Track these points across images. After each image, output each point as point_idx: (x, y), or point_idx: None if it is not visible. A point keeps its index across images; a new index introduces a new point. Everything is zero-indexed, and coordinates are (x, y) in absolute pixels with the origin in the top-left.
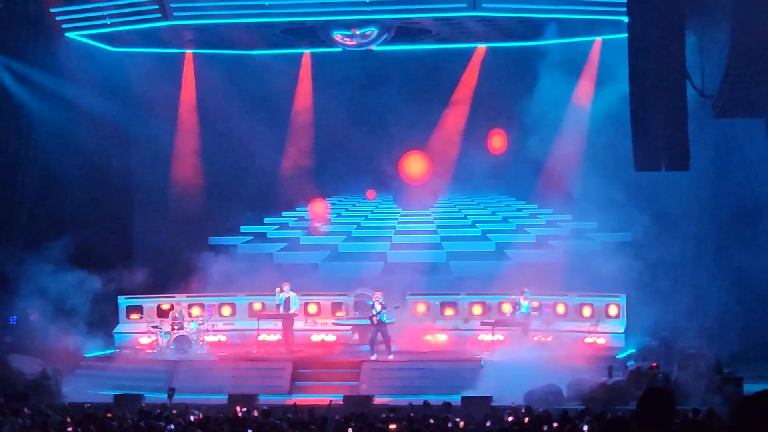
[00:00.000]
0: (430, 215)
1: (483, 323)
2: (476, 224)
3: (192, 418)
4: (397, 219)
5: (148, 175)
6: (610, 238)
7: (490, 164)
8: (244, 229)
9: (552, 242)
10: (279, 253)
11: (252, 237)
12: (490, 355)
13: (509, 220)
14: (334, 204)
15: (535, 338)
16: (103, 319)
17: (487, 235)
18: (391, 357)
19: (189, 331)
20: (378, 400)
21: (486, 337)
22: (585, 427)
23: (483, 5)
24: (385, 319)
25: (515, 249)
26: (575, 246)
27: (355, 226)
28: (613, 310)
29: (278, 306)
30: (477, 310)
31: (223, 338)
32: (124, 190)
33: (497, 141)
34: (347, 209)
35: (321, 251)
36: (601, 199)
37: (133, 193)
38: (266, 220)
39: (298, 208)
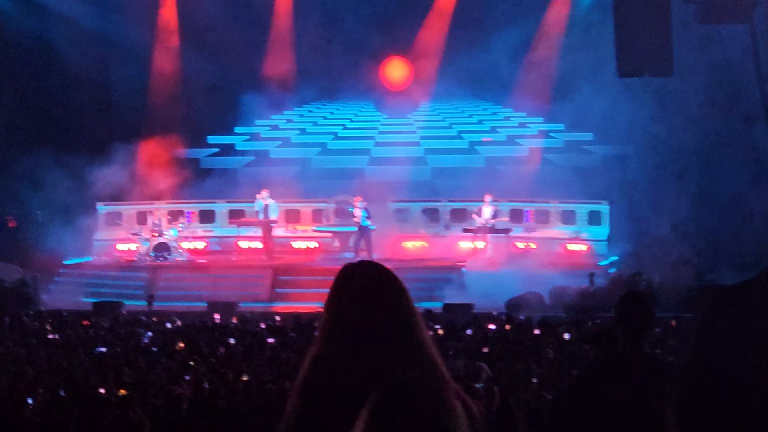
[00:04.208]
0: (413, 124)
1: (465, 230)
2: (462, 135)
3: (169, 325)
4: (377, 129)
5: (125, 81)
6: (610, 151)
7: (474, 69)
8: (211, 139)
9: (547, 156)
10: (245, 168)
11: (218, 149)
12: (471, 262)
13: (498, 130)
14: (311, 111)
15: (517, 245)
16: (82, 226)
17: (475, 147)
18: None
19: (168, 238)
20: None
21: (467, 244)
22: (567, 335)
23: None
24: (365, 223)
25: (507, 165)
26: (571, 160)
27: (332, 136)
28: (595, 218)
29: (257, 213)
30: (459, 217)
31: (203, 245)
32: (101, 96)
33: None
34: (325, 117)
35: (292, 166)
36: (594, 108)
37: (110, 100)
38: (236, 129)
39: (273, 117)
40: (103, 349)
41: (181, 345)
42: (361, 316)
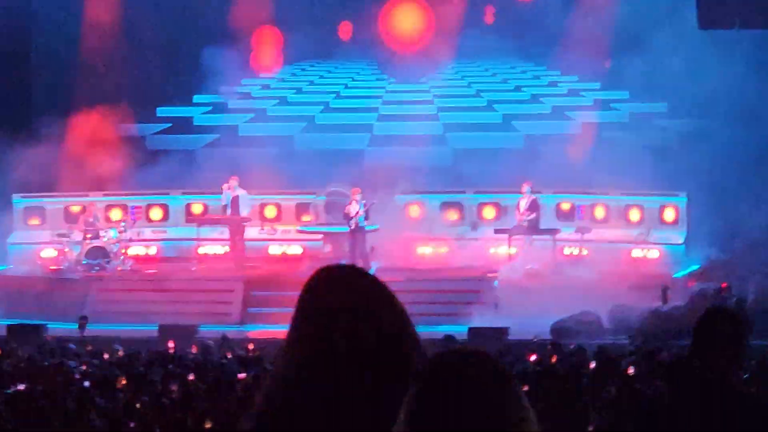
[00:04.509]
0: (429, 92)
1: (497, 231)
2: (494, 105)
3: (108, 356)
4: (381, 98)
5: (49, 37)
6: (688, 127)
7: (511, 17)
8: (161, 112)
9: (607, 134)
10: (207, 150)
11: (171, 124)
12: (506, 272)
13: (541, 99)
14: (294, 75)
15: (567, 251)
16: None
17: (512, 122)
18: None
19: (107, 240)
20: None
21: (501, 249)
22: (632, 370)
23: None
24: (364, 224)
25: (553, 145)
26: (638, 138)
27: (322, 107)
28: (669, 214)
29: (224, 208)
30: (489, 213)
31: (153, 250)
32: (18, 57)
33: None
34: (312, 82)
35: (270, 147)
36: (669, 70)
37: (30, 61)
38: (195, 99)
39: (243, 81)
40: (22, 387)
41: (124, 381)
42: (338, 336)
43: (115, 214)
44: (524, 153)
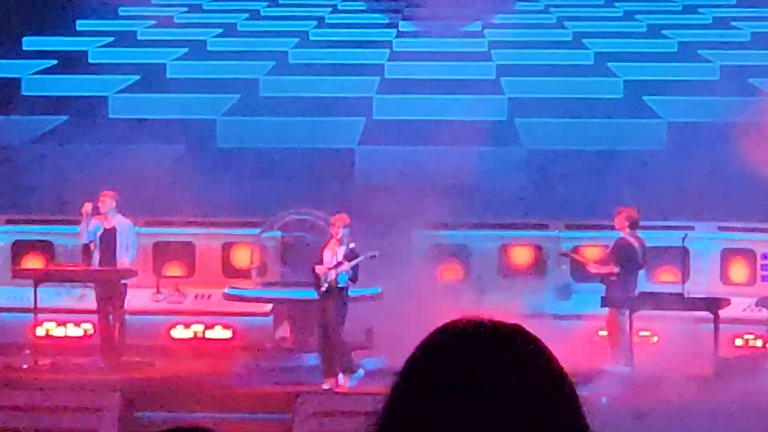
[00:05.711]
0: (482, 37)
1: (607, 302)
2: (608, 62)
3: None
4: (387, 50)
5: None
6: None
7: None
8: None
9: None
10: (47, 145)
11: None
12: (621, 379)
13: (699, 52)
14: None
15: (746, 340)
16: None
17: (642, 97)
18: (351, 379)
19: None
20: None
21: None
22: None
23: None
24: (347, 284)
25: (712, 139)
26: None
27: (273, 63)
28: None
29: (87, 250)
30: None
31: None
32: None
33: None
34: (255, 14)
35: (172, 142)
36: None
37: None
38: (26, 42)
39: (122, 10)
40: None
41: None
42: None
43: None
44: (665, 156)
